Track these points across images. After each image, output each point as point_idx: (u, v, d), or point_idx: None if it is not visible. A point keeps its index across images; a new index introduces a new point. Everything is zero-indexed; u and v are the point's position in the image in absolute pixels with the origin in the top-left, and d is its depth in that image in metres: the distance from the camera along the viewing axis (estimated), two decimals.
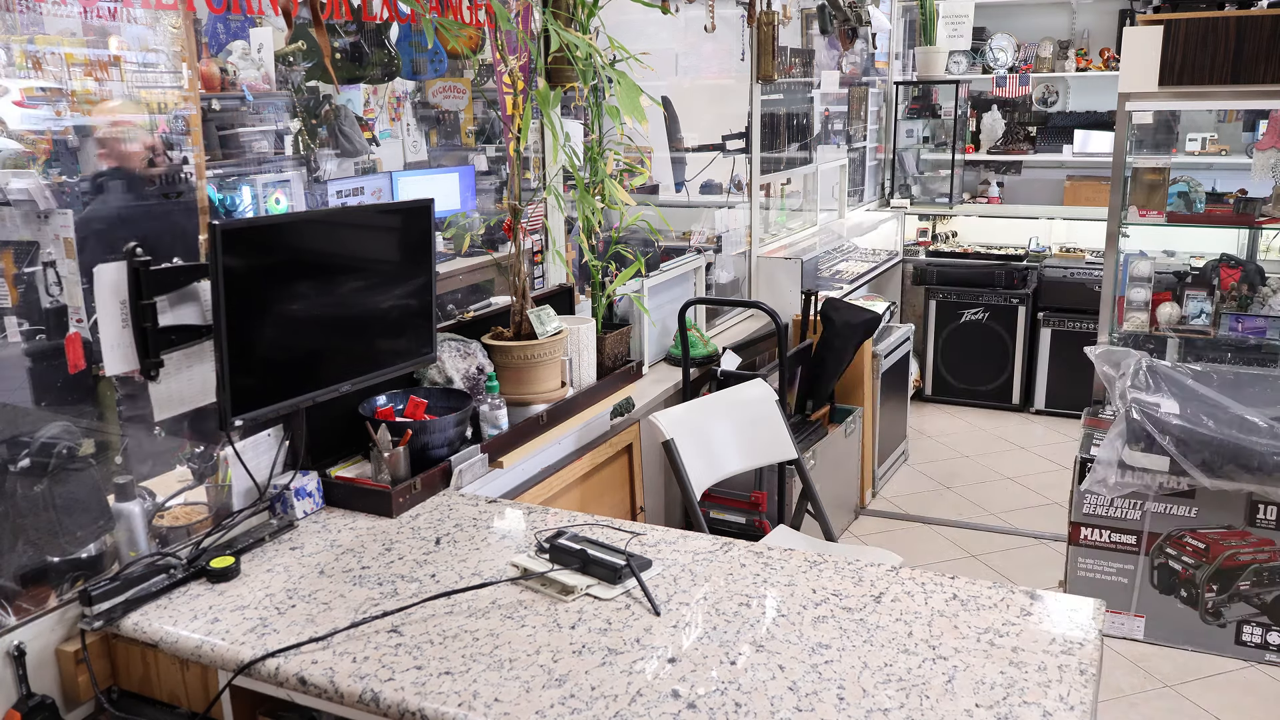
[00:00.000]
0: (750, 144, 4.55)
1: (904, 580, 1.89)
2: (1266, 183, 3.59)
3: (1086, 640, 1.67)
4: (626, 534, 2.09)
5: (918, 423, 5.56)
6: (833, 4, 5.25)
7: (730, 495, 3.64)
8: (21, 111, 1.84)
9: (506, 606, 1.82)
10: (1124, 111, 3.51)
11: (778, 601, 1.83)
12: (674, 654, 1.65)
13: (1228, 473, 3.13)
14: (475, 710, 1.51)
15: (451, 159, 3.08)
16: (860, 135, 6.07)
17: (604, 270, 3.31)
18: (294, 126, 2.49)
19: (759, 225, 4.68)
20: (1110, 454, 3.24)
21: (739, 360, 3.95)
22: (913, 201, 6.38)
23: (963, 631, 1.71)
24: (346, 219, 2.41)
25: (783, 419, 3.00)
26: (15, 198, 1.86)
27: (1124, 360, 3.40)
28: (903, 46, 6.60)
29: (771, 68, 4.37)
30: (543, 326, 2.77)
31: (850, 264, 5.23)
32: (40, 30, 1.83)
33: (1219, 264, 3.66)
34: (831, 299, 4.20)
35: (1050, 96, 6.49)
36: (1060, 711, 1.48)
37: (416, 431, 2.35)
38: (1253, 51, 3.24)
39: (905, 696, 1.53)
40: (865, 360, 4.38)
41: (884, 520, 4.46)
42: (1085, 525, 3.42)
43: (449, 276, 2.96)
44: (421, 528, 2.17)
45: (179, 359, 2.03)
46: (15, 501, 1.82)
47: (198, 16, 2.14)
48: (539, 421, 2.71)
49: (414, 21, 2.67)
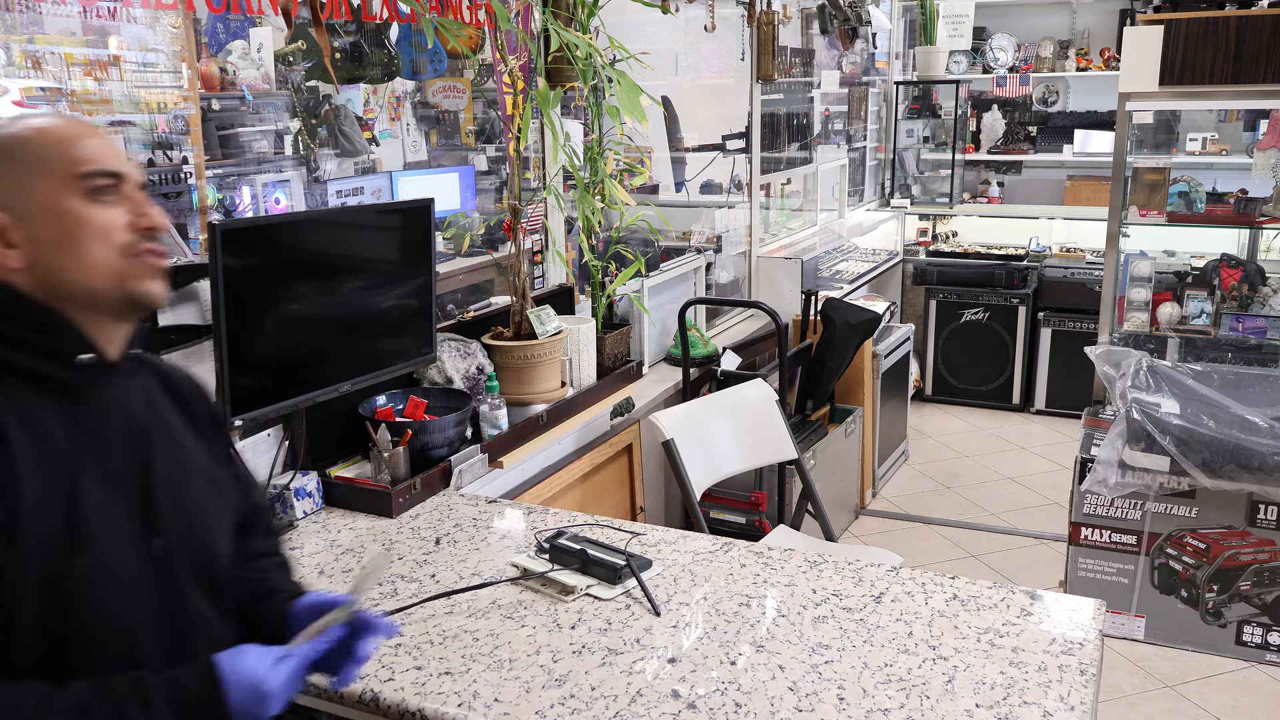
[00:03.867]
0: (750, 144, 4.55)
1: (904, 580, 1.89)
2: (1267, 182, 3.58)
3: (1087, 640, 1.67)
4: (626, 534, 2.09)
5: (918, 423, 5.55)
6: (833, 4, 5.25)
7: (730, 495, 3.64)
8: (21, 111, 1.84)
9: (506, 606, 1.82)
10: (1124, 111, 3.51)
11: (778, 602, 1.83)
12: (674, 654, 1.65)
13: (1228, 473, 3.12)
14: (475, 710, 1.51)
15: (451, 159, 3.07)
16: (860, 135, 6.07)
17: (604, 270, 3.31)
18: (294, 126, 2.49)
19: (759, 225, 4.68)
20: (1110, 454, 3.24)
21: (739, 360, 3.95)
22: (913, 201, 6.37)
23: (963, 632, 1.70)
24: (346, 219, 2.41)
25: (783, 419, 2.99)
26: None
27: (1124, 360, 3.40)
28: (903, 46, 6.60)
29: (771, 67, 4.37)
30: (543, 326, 2.77)
31: (850, 264, 5.23)
32: (40, 30, 1.83)
33: (1219, 264, 3.66)
34: (831, 299, 4.20)
35: (1050, 96, 6.49)
36: (1060, 712, 1.48)
37: (416, 431, 2.35)
38: (1253, 51, 3.24)
39: (905, 697, 1.52)
40: (865, 360, 4.37)
41: (884, 520, 4.46)
42: (1085, 525, 3.42)
43: (449, 276, 2.96)
44: (421, 528, 2.17)
45: (178, 359, 2.03)
46: None
47: (197, 16, 2.14)
48: (539, 421, 2.71)
49: (414, 21, 2.67)
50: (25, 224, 1.12)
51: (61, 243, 1.13)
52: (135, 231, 1.16)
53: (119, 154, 1.19)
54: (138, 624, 1.16)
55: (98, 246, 1.13)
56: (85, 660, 1.10)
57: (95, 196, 1.14)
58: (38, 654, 1.08)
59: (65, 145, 1.14)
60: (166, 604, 1.19)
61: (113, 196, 1.15)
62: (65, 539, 1.09)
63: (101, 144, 1.17)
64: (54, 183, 1.13)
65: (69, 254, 1.13)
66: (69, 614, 1.09)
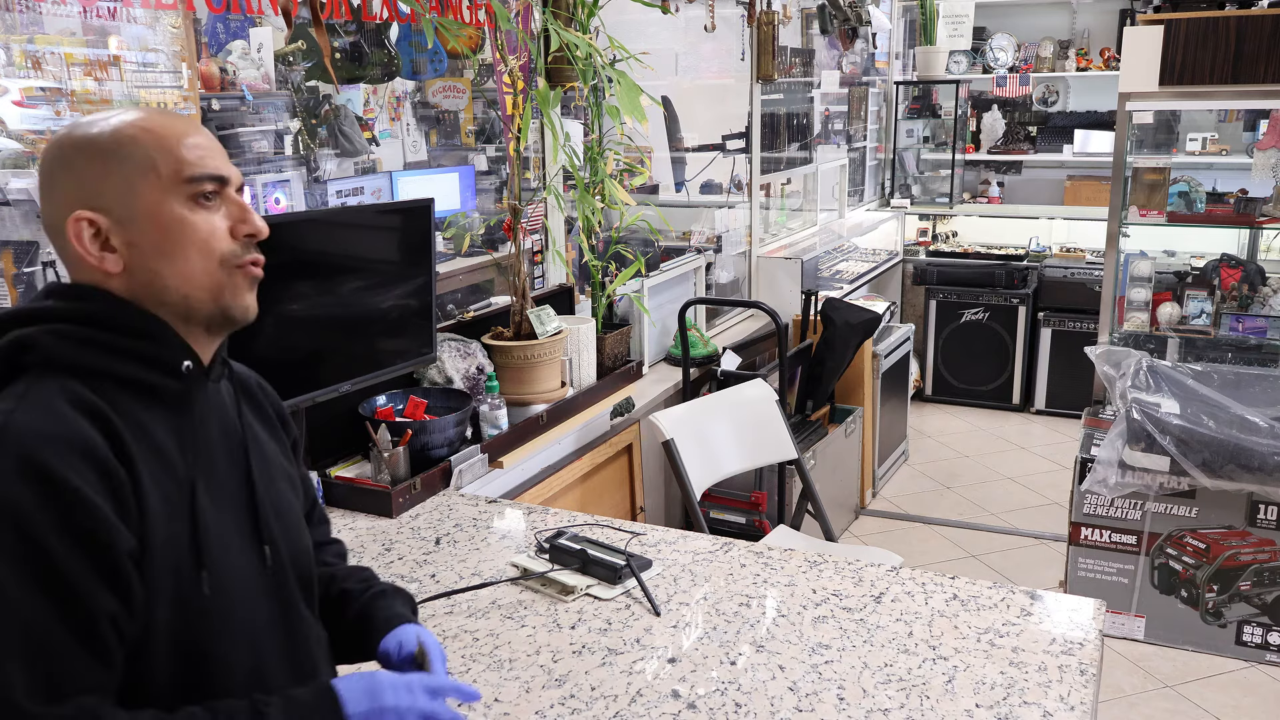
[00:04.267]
0: (750, 144, 4.55)
1: (904, 580, 1.89)
2: (1267, 182, 3.59)
3: (1087, 640, 1.67)
4: (626, 534, 2.09)
5: (918, 423, 5.55)
6: (833, 4, 5.25)
7: (730, 495, 3.64)
8: (21, 111, 1.84)
9: (506, 607, 1.82)
10: (1124, 111, 3.51)
11: (778, 602, 1.83)
12: (674, 654, 1.65)
13: (1228, 473, 3.12)
14: (475, 710, 1.51)
15: (451, 159, 3.07)
16: (860, 135, 6.07)
17: (604, 270, 3.31)
18: (294, 126, 2.49)
19: (759, 225, 4.68)
20: (1110, 454, 3.24)
21: (739, 360, 3.95)
22: (913, 201, 6.37)
23: (963, 632, 1.70)
24: (346, 219, 2.41)
25: (783, 419, 2.99)
26: (15, 197, 1.86)
27: (1124, 360, 3.40)
28: (903, 46, 6.59)
29: (771, 67, 4.37)
30: (543, 326, 2.77)
31: (850, 264, 5.23)
32: (40, 30, 1.83)
33: (1219, 264, 3.66)
34: (831, 299, 4.19)
35: (1050, 96, 6.49)
36: (1060, 712, 1.48)
37: (416, 431, 2.35)
38: (1253, 51, 3.24)
39: (905, 697, 1.52)
40: (865, 360, 4.37)
41: (884, 520, 4.46)
42: (1085, 525, 3.42)
43: (449, 276, 2.96)
44: (421, 528, 2.17)
45: None
46: None
47: (197, 16, 2.15)
48: (539, 421, 2.71)
49: (414, 21, 2.67)
50: (126, 228, 1.07)
51: (163, 249, 1.08)
52: (236, 239, 1.12)
53: (225, 155, 1.14)
54: (260, 634, 1.14)
55: (198, 255, 1.09)
56: (215, 677, 1.08)
57: (200, 202, 1.09)
58: (171, 677, 1.05)
59: (173, 146, 1.08)
60: (280, 610, 1.18)
61: (216, 201, 1.11)
62: (191, 555, 1.06)
63: (210, 145, 1.12)
64: (160, 186, 1.07)
65: (169, 261, 1.08)
66: (198, 632, 1.07)
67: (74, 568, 0.96)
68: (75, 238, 1.07)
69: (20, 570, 0.95)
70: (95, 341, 1.06)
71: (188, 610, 1.05)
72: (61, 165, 1.09)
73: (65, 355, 1.05)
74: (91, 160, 1.07)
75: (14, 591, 0.94)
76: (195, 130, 1.12)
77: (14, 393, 1.02)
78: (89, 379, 1.05)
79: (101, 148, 1.07)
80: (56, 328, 1.06)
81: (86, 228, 1.07)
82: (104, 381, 1.05)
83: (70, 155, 1.08)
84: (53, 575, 0.96)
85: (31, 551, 0.95)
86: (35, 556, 0.95)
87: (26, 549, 0.95)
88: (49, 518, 0.95)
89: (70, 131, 1.10)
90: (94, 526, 0.97)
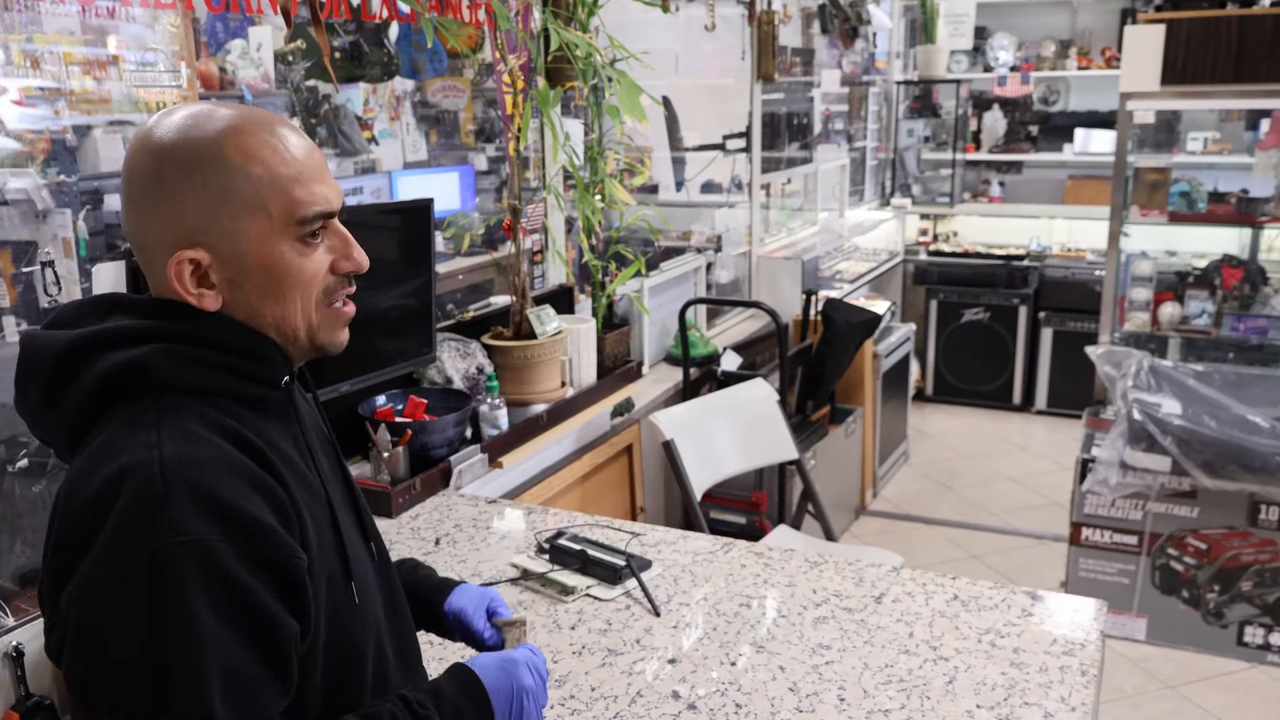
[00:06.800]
0: (750, 143, 4.54)
1: (905, 581, 1.89)
2: (1269, 182, 3.58)
3: (1088, 641, 1.66)
4: (626, 534, 2.09)
5: (918, 423, 5.55)
6: (833, 3, 5.25)
7: (730, 495, 3.63)
8: (20, 110, 1.84)
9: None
10: (1125, 111, 3.50)
11: (778, 602, 1.82)
12: (674, 655, 1.65)
13: (1229, 473, 3.12)
14: None
15: (451, 158, 3.07)
16: (861, 135, 6.07)
17: (604, 270, 3.30)
18: None
19: (759, 225, 4.68)
20: (1112, 454, 3.24)
21: (739, 360, 3.95)
22: (913, 201, 6.37)
23: (964, 632, 1.70)
24: (346, 219, 2.40)
25: (783, 419, 2.99)
26: (13, 197, 1.85)
27: (1125, 360, 3.39)
28: (903, 46, 6.59)
29: (772, 67, 4.37)
30: (543, 326, 2.76)
31: (851, 264, 5.23)
32: (38, 29, 1.83)
33: (1221, 264, 3.66)
34: (832, 299, 4.19)
35: (1051, 96, 6.48)
36: (1061, 712, 1.48)
37: (416, 431, 2.35)
38: (1255, 50, 3.23)
39: (906, 697, 1.52)
40: (866, 360, 4.37)
41: (885, 520, 4.45)
42: (1086, 526, 3.41)
43: (449, 276, 2.96)
44: (421, 528, 2.17)
45: None
46: (14, 501, 1.82)
47: (196, 15, 2.14)
48: (539, 421, 2.71)
49: (413, 21, 2.67)
50: (228, 265, 1.01)
51: (266, 290, 1.03)
52: (336, 275, 1.08)
53: (328, 173, 1.08)
54: (384, 631, 1.15)
55: (299, 295, 1.05)
56: (354, 674, 1.08)
57: (308, 241, 1.04)
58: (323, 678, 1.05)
59: (287, 186, 1.01)
60: (386, 599, 1.18)
61: (321, 235, 1.06)
62: (340, 562, 1.06)
63: (318, 169, 1.05)
64: (270, 228, 1.01)
65: (270, 301, 1.04)
66: (348, 636, 1.07)
67: (264, 599, 0.94)
68: (176, 278, 1.01)
69: (216, 609, 0.91)
70: (210, 362, 1.01)
71: (338, 616, 1.05)
72: (157, 185, 1.00)
73: (182, 377, 1.00)
74: (197, 191, 1.00)
75: (210, 630, 0.91)
76: (305, 155, 1.04)
77: (142, 423, 0.96)
78: (205, 398, 1.01)
79: (206, 178, 0.99)
80: (166, 348, 1.00)
81: (188, 266, 1.01)
82: (221, 400, 1.02)
83: (170, 176, 1.00)
84: (246, 611, 0.93)
85: (224, 589, 0.92)
86: (229, 594, 0.92)
87: (219, 587, 0.92)
88: (235, 550, 0.92)
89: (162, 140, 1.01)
90: (273, 552, 0.95)
